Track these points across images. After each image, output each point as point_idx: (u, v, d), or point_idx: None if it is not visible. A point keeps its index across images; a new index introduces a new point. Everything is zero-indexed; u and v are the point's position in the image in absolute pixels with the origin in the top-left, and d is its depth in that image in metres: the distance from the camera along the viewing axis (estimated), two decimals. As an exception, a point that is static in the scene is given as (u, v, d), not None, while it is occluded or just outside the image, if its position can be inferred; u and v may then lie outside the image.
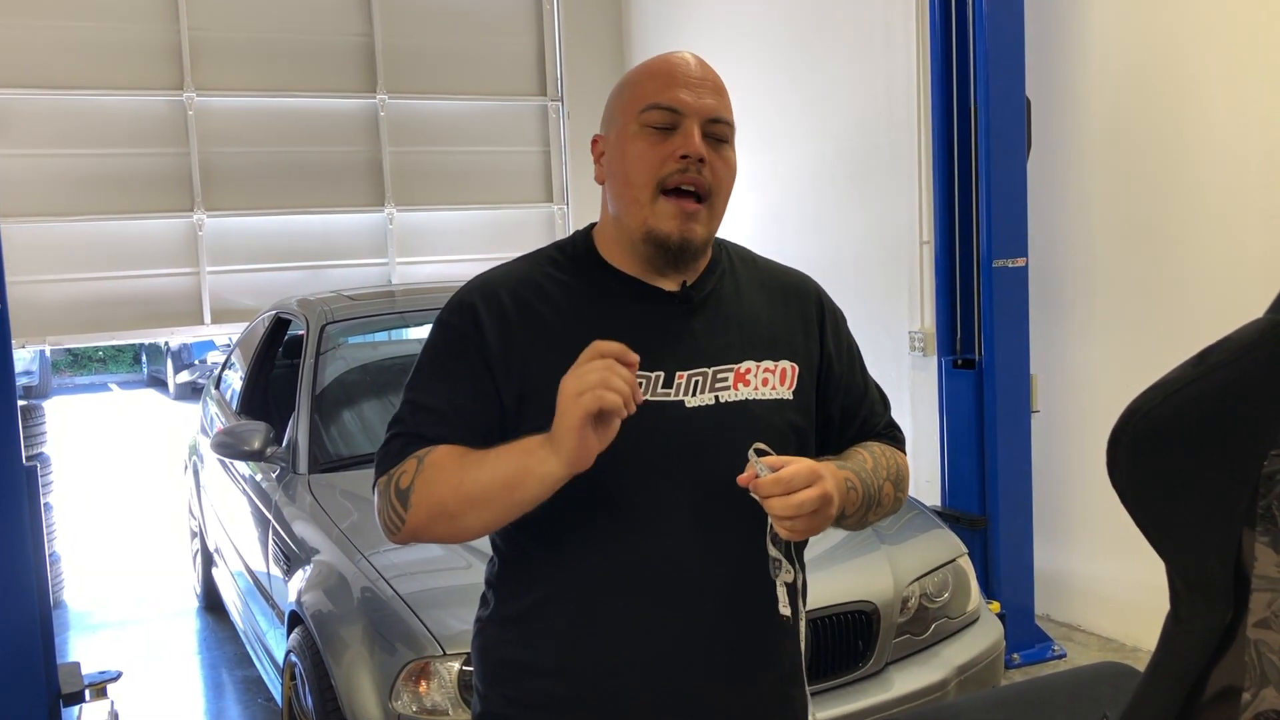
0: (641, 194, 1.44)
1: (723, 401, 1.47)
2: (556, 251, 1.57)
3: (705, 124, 1.44)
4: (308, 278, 6.86)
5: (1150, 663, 1.08)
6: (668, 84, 1.45)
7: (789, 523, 1.33)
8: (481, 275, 1.57)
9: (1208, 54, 3.99)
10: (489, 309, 1.48)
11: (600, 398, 1.24)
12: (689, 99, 1.44)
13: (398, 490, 1.41)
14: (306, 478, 3.56)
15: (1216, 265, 4.00)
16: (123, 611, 5.63)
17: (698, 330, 1.50)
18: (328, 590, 2.94)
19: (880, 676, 2.81)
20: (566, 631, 1.47)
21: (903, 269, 5.40)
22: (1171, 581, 1.05)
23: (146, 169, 6.50)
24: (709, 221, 1.47)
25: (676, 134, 1.43)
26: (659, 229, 1.44)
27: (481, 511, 1.37)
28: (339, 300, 4.47)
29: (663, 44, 7.36)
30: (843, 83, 5.75)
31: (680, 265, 1.49)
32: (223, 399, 5.17)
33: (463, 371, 1.46)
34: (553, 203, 7.73)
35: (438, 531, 1.42)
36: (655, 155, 1.43)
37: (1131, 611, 4.43)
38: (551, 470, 1.30)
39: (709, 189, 1.45)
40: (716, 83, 1.48)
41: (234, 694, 4.49)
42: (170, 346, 16.23)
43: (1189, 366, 0.99)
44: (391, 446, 1.46)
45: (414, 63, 7.21)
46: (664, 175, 1.43)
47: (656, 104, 1.44)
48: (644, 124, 1.45)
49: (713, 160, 1.44)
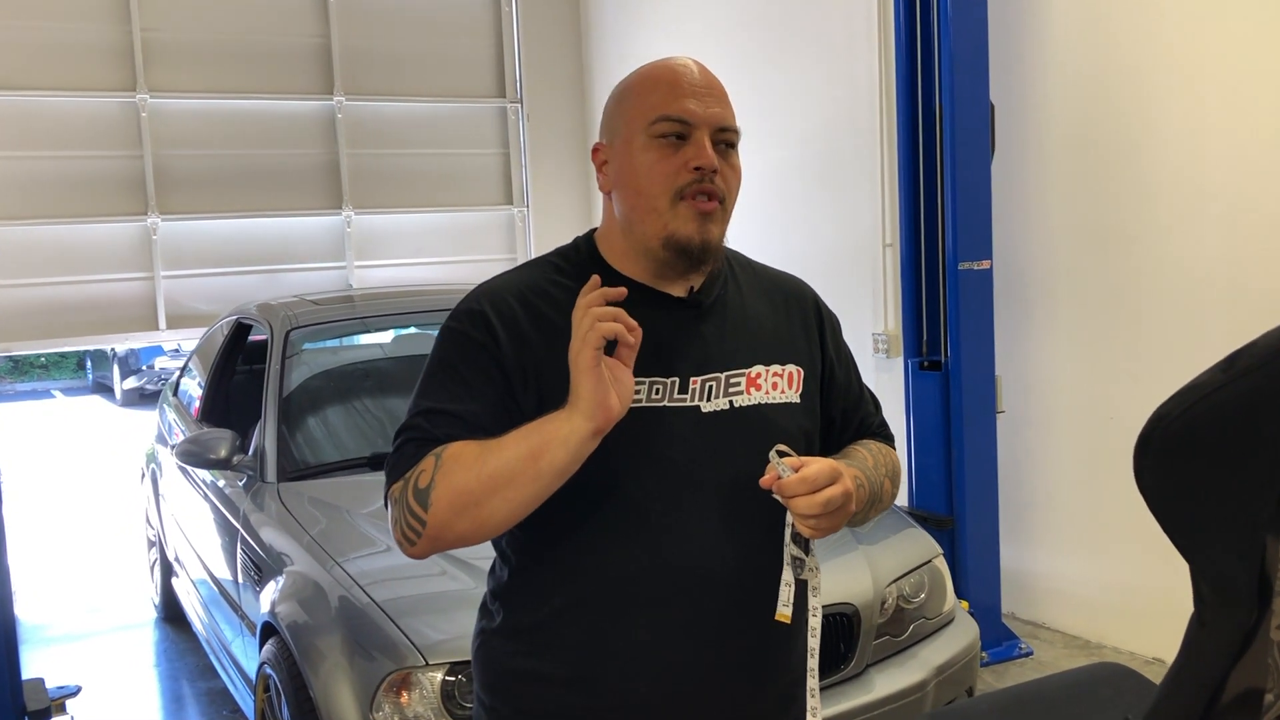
0: (659, 203, 1.44)
1: (737, 406, 1.48)
2: (559, 259, 1.56)
3: (716, 133, 1.45)
4: (264, 282, 6.78)
5: (1173, 666, 1.09)
6: (675, 94, 1.45)
7: (812, 521, 1.34)
8: (486, 283, 1.55)
9: (1166, 60, 4.05)
10: (501, 316, 1.46)
11: (598, 328, 1.27)
12: (698, 109, 1.44)
13: (416, 491, 1.36)
14: (275, 486, 3.50)
15: (1176, 267, 4.07)
16: (77, 624, 5.51)
17: (708, 335, 1.50)
18: (302, 600, 2.89)
19: (861, 678, 2.82)
20: (585, 641, 1.45)
21: (866, 272, 5.43)
22: (1196, 585, 1.05)
23: (99, 172, 6.38)
24: (723, 222, 1.48)
25: (688, 145, 1.43)
26: (680, 233, 1.44)
27: (509, 492, 1.31)
28: (302, 305, 4.41)
29: (622, 47, 7.35)
30: (805, 87, 5.77)
31: (700, 268, 1.49)
32: (182, 406, 5.08)
33: (477, 378, 1.44)
34: (512, 205, 7.69)
35: (461, 527, 1.35)
36: (668, 167, 1.43)
37: (1096, 609, 4.49)
38: (575, 427, 1.28)
39: (722, 195, 1.46)
40: (720, 90, 1.49)
41: (197, 706, 4.41)
42: (117, 352, 15.93)
43: (1217, 371, 0.99)
44: (404, 451, 1.41)
45: (371, 64, 7.15)
46: (679, 186, 1.43)
47: (666, 115, 1.44)
48: (654, 135, 1.44)
49: (722, 168, 1.45)
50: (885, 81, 5.17)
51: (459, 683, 2.51)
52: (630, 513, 1.43)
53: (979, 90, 4.26)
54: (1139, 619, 4.30)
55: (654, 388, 1.45)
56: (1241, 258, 3.86)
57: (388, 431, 3.94)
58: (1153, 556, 4.22)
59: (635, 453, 1.41)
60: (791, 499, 1.33)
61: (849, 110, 5.51)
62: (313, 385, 4.14)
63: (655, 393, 1.45)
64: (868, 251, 5.43)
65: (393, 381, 4.36)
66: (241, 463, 3.66)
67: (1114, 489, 4.35)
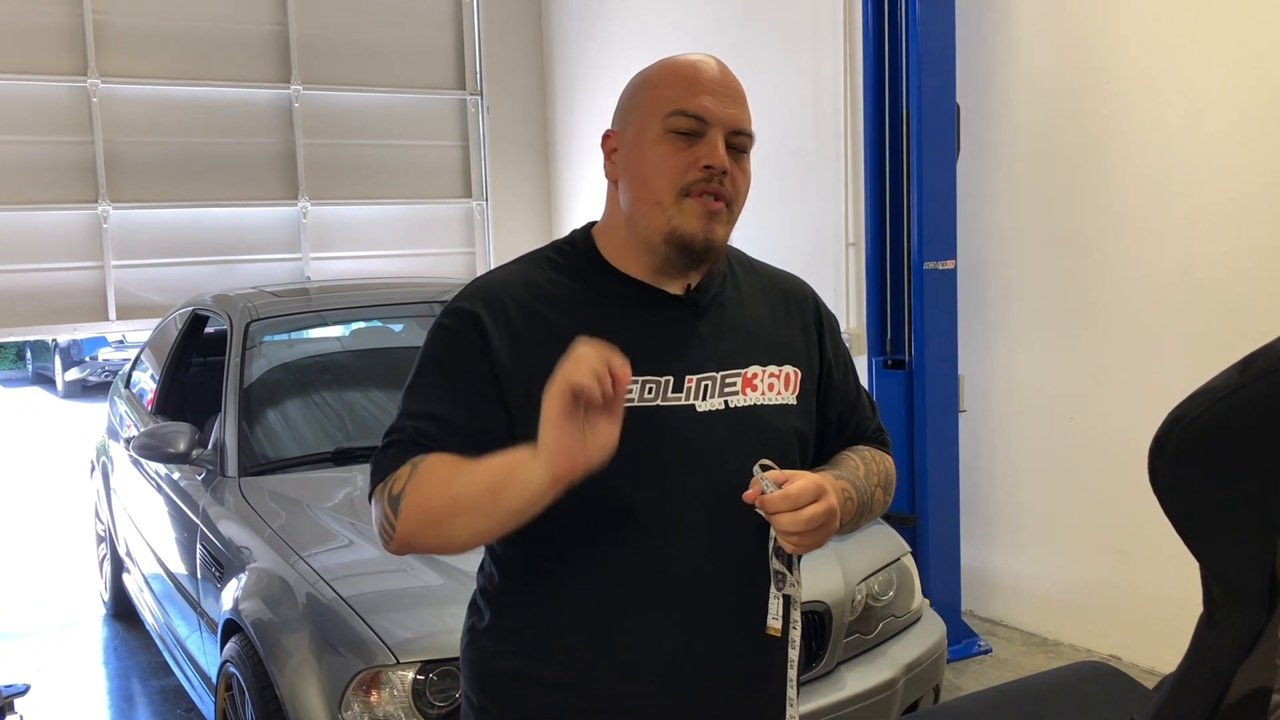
0: (664, 197, 1.42)
1: (732, 407, 1.46)
2: (555, 253, 1.53)
3: (730, 135, 1.43)
4: (217, 273, 6.68)
5: (1181, 665, 1.09)
6: (693, 89, 1.42)
7: (795, 538, 1.32)
8: (481, 279, 1.52)
9: (1130, 65, 4.11)
10: (493, 315, 1.44)
11: (568, 379, 1.19)
12: (715, 108, 1.41)
13: (390, 496, 1.36)
14: (236, 481, 3.44)
15: (1137, 269, 4.13)
16: (23, 620, 5.37)
17: (704, 334, 1.48)
18: (267, 597, 2.84)
19: (832, 676, 2.82)
20: (575, 643, 1.44)
21: (828, 270, 5.45)
22: (1207, 586, 1.05)
23: (48, 158, 6.23)
24: (729, 224, 1.46)
25: (701, 143, 1.41)
26: (684, 228, 1.41)
27: (468, 519, 1.31)
28: (261, 297, 4.34)
29: (583, 38, 7.32)
30: (770, 85, 5.78)
31: (701, 267, 1.47)
32: (135, 399, 4.97)
33: (466, 378, 1.42)
34: (471, 198, 7.63)
35: (428, 541, 1.37)
36: (679, 162, 1.41)
37: (1053, 607, 4.54)
38: (535, 475, 1.23)
39: (729, 199, 1.43)
40: (739, 92, 1.46)
41: (149, 705, 4.32)
42: (59, 343, 15.58)
43: (1233, 374, 0.99)
44: (388, 453, 1.40)
45: (329, 53, 7.06)
46: (687, 183, 1.41)
47: (682, 110, 1.41)
48: (668, 129, 1.42)
49: (733, 171, 1.43)
50: (850, 81, 5.19)
51: (429, 681, 2.47)
52: (621, 514, 1.41)
53: (946, 91, 4.29)
54: (1096, 617, 4.36)
55: (647, 386, 1.42)
56: (1202, 260, 3.92)
57: (349, 426, 3.89)
58: (1110, 555, 4.28)
59: (625, 453, 1.38)
60: (774, 515, 1.31)
61: (811, 110, 5.53)
62: (273, 378, 4.06)
63: (648, 392, 1.42)
64: (830, 250, 5.45)
65: (354, 375, 4.31)
66: (200, 457, 3.59)
67: (1073, 488, 4.40)
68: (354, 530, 3.05)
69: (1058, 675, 1.73)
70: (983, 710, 1.57)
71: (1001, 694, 1.68)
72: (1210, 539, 1.04)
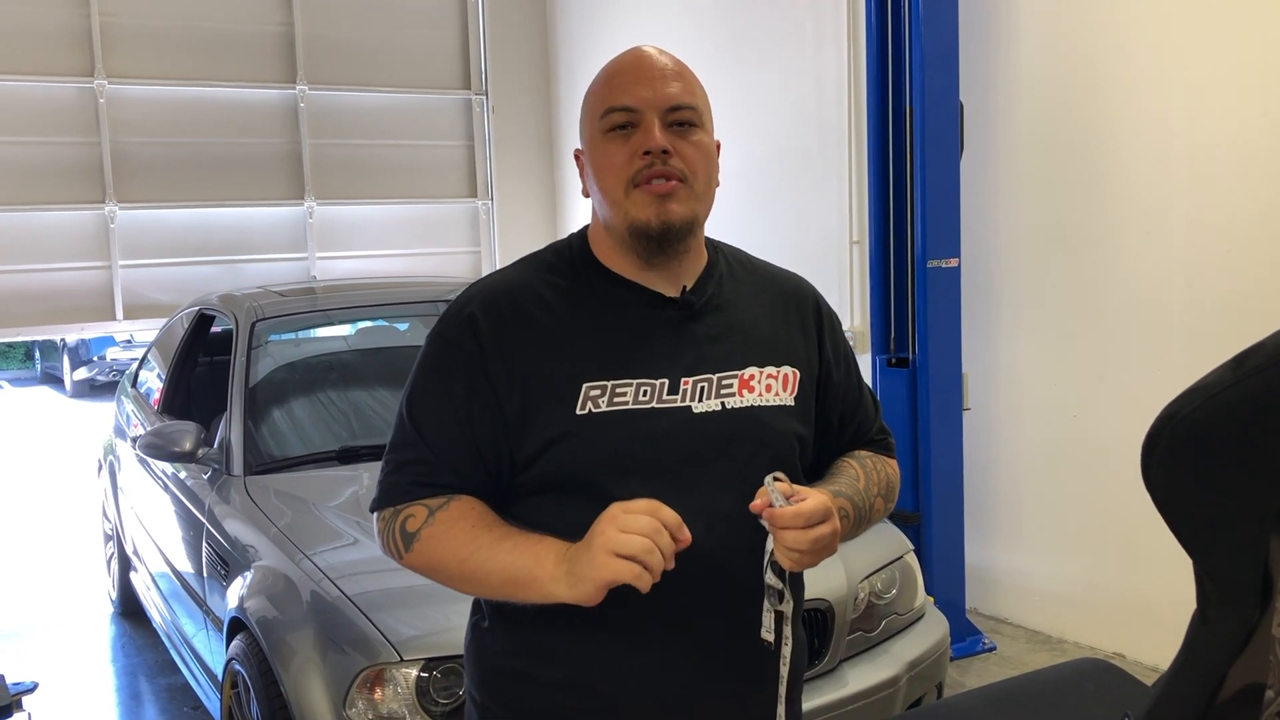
0: (617, 194, 1.44)
1: (729, 408, 1.46)
2: (553, 256, 1.55)
3: (666, 114, 1.43)
4: (224, 273, 6.70)
5: (1175, 662, 1.10)
6: (620, 84, 1.45)
7: (795, 555, 1.32)
8: (477, 284, 1.53)
9: (1132, 64, 4.10)
10: (489, 320, 1.45)
11: (636, 577, 1.26)
12: (644, 93, 1.43)
13: (403, 530, 1.43)
14: (242, 480, 3.45)
15: (1141, 267, 4.12)
16: (31, 619, 5.40)
17: (700, 336, 1.48)
18: (272, 595, 2.85)
19: (835, 674, 2.83)
20: (573, 644, 1.44)
21: (832, 268, 5.45)
22: (1200, 583, 1.06)
23: (55, 158, 6.26)
24: (689, 200, 1.44)
25: (638, 131, 1.42)
26: (638, 218, 1.43)
27: (478, 589, 1.43)
28: (267, 296, 4.35)
29: (588, 38, 7.33)
30: (774, 84, 5.78)
31: (667, 250, 1.46)
32: (141, 398, 5.00)
33: (461, 387, 1.44)
34: (476, 198, 7.65)
35: (432, 578, 1.46)
36: (621, 156, 1.43)
37: (1057, 604, 4.54)
38: (559, 594, 1.32)
39: (682, 175, 1.43)
40: (676, 69, 1.47)
41: (156, 703, 4.34)
42: (67, 342, 15.63)
43: (1226, 370, 0.99)
44: (399, 478, 1.45)
45: (335, 53, 7.07)
46: (633, 173, 1.42)
47: (612, 106, 1.44)
48: (606, 128, 1.44)
49: (680, 147, 1.43)
50: (854, 79, 5.19)
51: (433, 679, 2.48)
52: None
53: (949, 89, 4.29)
54: (1100, 615, 4.36)
55: (641, 389, 1.43)
56: (1203, 258, 3.92)
57: (354, 425, 3.91)
58: (1114, 552, 4.28)
59: (621, 456, 1.40)
60: (782, 530, 1.31)
61: (814, 108, 5.53)
62: (278, 378, 4.08)
63: (643, 394, 1.43)
64: (834, 248, 5.45)
65: (359, 374, 4.32)
66: (206, 456, 3.60)
67: (1077, 486, 4.40)
68: (359, 529, 3.06)
69: (1057, 672, 1.74)
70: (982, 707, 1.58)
71: (1001, 690, 1.69)
72: (1203, 536, 1.04)
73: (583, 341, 1.44)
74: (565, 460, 1.41)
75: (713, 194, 1.50)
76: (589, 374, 1.42)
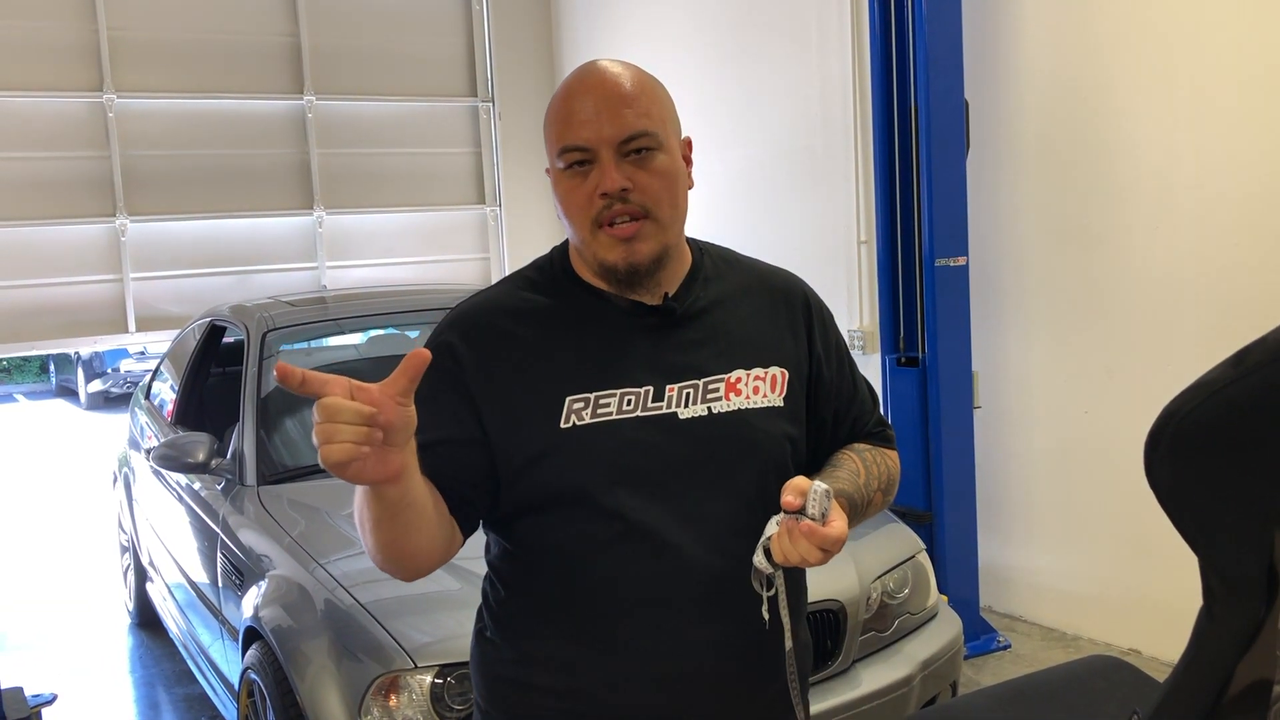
0: (583, 234, 1.44)
1: (716, 412, 1.45)
2: (535, 272, 1.56)
3: (620, 146, 1.40)
4: (235, 283, 6.73)
5: (1182, 659, 1.10)
6: (569, 120, 1.41)
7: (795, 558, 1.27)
8: (457, 309, 1.54)
9: (1138, 59, 4.10)
10: (467, 343, 1.46)
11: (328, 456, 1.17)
12: (592, 133, 1.39)
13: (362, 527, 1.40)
14: (255, 489, 3.47)
15: (1148, 263, 4.12)
16: (49, 630, 5.43)
17: (684, 341, 1.48)
18: (287, 604, 2.87)
19: (848, 674, 2.83)
20: (572, 652, 1.45)
21: (840, 269, 5.45)
22: (1206, 579, 1.06)
23: (66, 173, 6.29)
24: (655, 236, 1.43)
25: (594, 169, 1.40)
26: (605, 260, 1.43)
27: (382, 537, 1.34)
28: (278, 306, 4.38)
29: (593, 44, 7.34)
30: (779, 85, 5.79)
31: (636, 286, 1.46)
32: (155, 409, 5.02)
33: (444, 409, 1.43)
34: (485, 205, 7.66)
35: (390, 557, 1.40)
36: (580, 197, 1.42)
37: (1072, 602, 4.53)
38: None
39: (643, 209, 1.41)
40: (631, 90, 1.42)
41: (174, 713, 4.36)
42: (81, 355, 15.71)
43: (1228, 367, 0.99)
44: None
45: (342, 63, 7.09)
46: (594, 215, 1.41)
47: (565, 146, 1.41)
48: (563, 166, 1.43)
49: (639, 179, 1.40)
50: (859, 79, 5.19)
51: (448, 685, 2.49)
52: (608, 524, 1.41)
53: (954, 88, 4.29)
54: (1115, 611, 4.35)
55: (625, 398, 1.43)
56: (1212, 252, 3.91)
57: (366, 433, 3.91)
58: (1128, 548, 4.26)
59: (608, 465, 1.40)
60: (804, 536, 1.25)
61: (820, 109, 5.53)
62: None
63: (626, 404, 1.42)
64: (843, 249, 5.45)
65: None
66: (220, 466, 3.62)
67: (1089, 482, 4.39)
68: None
69: (1069, 669, 1.74)
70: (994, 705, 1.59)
71: (1013, 688, 1.70)
72: (1207, 532, 1.05)
73: (564, 354, 1.45)
74: (552, 476, 1.41)
75: (683, 210, 1.48)
76: (572, 386, 1.42)
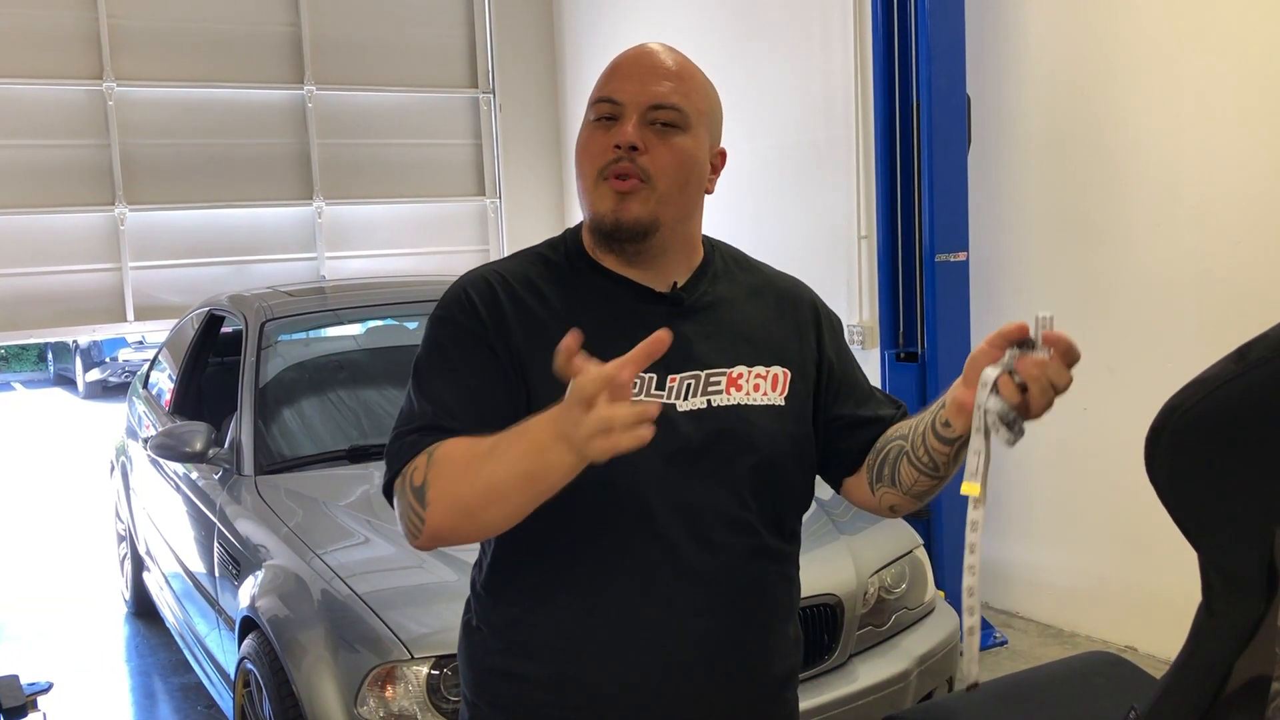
0: (588, 183, 1.44)
1: (715, 406, 1.45)
2: (548, 249, 1.55)
3: (647, 111, 1.42)
4: (234, 273, 6.72)
5: (1180, 655, 1.10)
6: (614, 76, 1.46)
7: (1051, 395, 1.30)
8: (472, 270, 1.54)
9: (1141, 56, 4.09)
10: (482, 297, 1.46)
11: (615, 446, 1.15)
12: (630, 88, 1.43)
13: (413, 489, 1.32)
14: (253, 479, 3.47)
15: (1149, 260, 4.11)
16: (45, 619, 5.43)
17: (689, 333, 1.47)
18: (283, 594, 2.86)
19: (845, 669, 2.83)
20: (557, 641, 1.44)
21: (841, 264, 5.45)
22: (1205, 575, 1.06)
23: (65, 161, 6.28)
24: (649, 202, 1.42)
25: (617, 125, 1.43)
26: (597, 209, 1.43)
27: (503, 506, 1.27)
28: (277, 296, 4.37)
29: (594, 37, 7.33)
30: (781, 79, 5.78)
31: (617, 249, 1.46)
32: (153, 399, 5.02)
33: (472, 361, 1.42)
34: (485, 196, 7.65)
35: (461, 531, 1.33)
36: (596, 146, 1.43)
37: (1069, 598, 4.53)
38: (572, 463, 1.19)
39: (646, 174, 1.41)
40: (671, 70, 1.45)
41: (170, 702, 4.36)
42: (79, 344, 15.69)
43: (1230, 363, 0.99)
44: (403, 442, 1.38)
45: (342, 53, 7.08)
46: (603, 165, 1.42)
47: (599, 97, 1.45)
48: (594, 117, 1.45)
49: (654, 146, 1.41)
50: (861, 74, 5.18)
51: (444, 676, 2.49)
52: (600, 512, 1.40)
53: (956, 83, 4.28)
54: (1112, 607, 4.35)
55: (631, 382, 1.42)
56: (1214, 249, 3.90)
57: (364, 424, 3.92)
58: (1125, 545, 4.27)
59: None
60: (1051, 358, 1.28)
61: (822, 104, 5.52)
62: (288, 377, 4.10)
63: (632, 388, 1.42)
64: (843, 244, 5.45)
65: (369, 373, 4.33)
66: (217, 456, 3.62)
67: (1088, 479, 4.39)
68: (369, 528, 3.07)
69: (1066, 666, 1.74)
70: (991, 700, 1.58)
71: (1010, 684, 1.70)
72: (1207, 528, 1.04)
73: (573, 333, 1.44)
74: None
75: (689, 200, 1.47)
76: None
